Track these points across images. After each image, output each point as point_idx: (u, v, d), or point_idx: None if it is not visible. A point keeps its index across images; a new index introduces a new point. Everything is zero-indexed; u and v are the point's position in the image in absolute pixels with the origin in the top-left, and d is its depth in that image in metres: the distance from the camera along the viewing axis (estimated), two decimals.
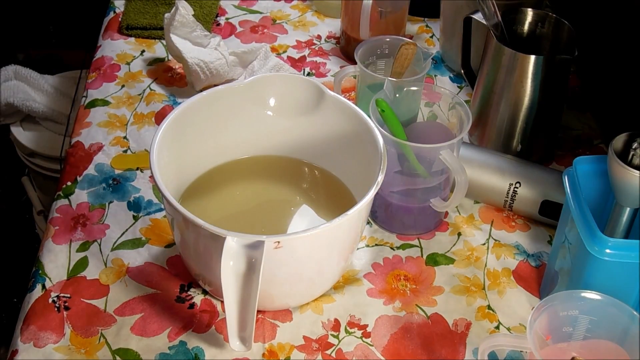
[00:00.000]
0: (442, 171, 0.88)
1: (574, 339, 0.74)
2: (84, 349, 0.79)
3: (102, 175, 0.98)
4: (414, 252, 0.91)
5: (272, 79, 0.91)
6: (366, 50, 1.03)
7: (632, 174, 0.72)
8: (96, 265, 0.87)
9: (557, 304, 0.72)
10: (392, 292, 0.86)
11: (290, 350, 0.79)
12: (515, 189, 0.93)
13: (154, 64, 1.17)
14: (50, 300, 0.83)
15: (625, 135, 0.74)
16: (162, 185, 0.76)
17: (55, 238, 0.89)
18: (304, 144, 0.92)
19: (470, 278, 0.88)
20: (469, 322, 0.83)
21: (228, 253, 0.70)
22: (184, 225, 0.77)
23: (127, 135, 1.04)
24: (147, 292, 0.84)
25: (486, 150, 0.98)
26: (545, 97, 0.97)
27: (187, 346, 0.79)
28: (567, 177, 0.79)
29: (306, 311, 0.83)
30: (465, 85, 1.15)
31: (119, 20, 1.25)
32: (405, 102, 0.94)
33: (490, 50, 0.99)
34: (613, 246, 0.73)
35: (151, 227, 0.92)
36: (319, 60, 1.20)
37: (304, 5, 1.32)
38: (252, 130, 0.91)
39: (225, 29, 1.26)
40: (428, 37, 1.26)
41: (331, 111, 0.89)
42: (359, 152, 0.86)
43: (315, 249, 0.77)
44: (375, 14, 1.12)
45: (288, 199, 0.90)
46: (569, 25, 0.98)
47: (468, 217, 0.95)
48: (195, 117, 0.87)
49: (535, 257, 0.91)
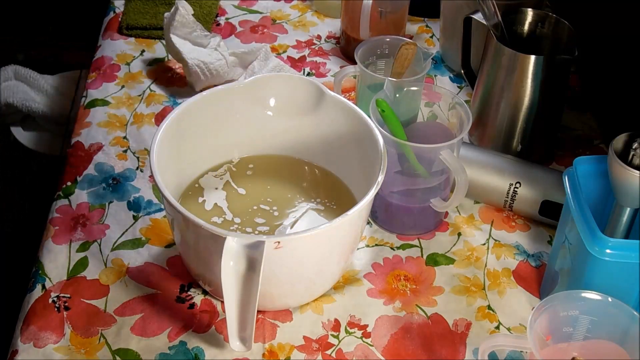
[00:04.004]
0: (442, 171, 0.88)
1: (574, 339, 0.74)
2: (84, 349, 0.79)
3: (102, 175, 0.98)
4: (414, 252, 0.90)
5: (272, 79, 0.91)
6: (366, 50, 1.03)
7: (632, 174, 0.72)
8: (96, 265, 0.87)
9: (557, 304, 0.72)
10: (392, 292, 0.86)
11: (290, 351, 0.79)
12: (515, 189, 0.93)
13: (154, 64, 1.17)
14: (50, 301, 0.83)
15: (626, 136, 0.74)
16: (162, 185, 0.76)
17: (55, 238, 0.89)
18: (304, 144, 0.92)
19: (471, 278, 0.88)
20: (469, 322, 0.83)
21: (228, 253, 0.70)
22: (184, 225, 0.77)
23: (127, 135, 1.04)
24: (147, 292, 0.84)
25: (486, 150, 0.98)
26: (545, 97, 0.97)
27: (187, 346, 0.79)
28: (567, 177, 0.79)
29: (306, 311, 0.83)
30: (465, 85, 1.15)
31: (119, 20, 1.25)
32: (406, 102, 0.94)
33: (490, 51, 0.99)
34: (613, 246, 0.73)
35: (151, 227, 0.92)
36: (319, 60, 1.20)
37: (304, 5, 1.32)
38: (252, 130, 0.91)
39: (225, 29, 1.25)
40: (428, 37, 1.26)
41: (331, 111, 0.89)
42: (359, 152, 0.86)
43: (316, 249, 0.77)
44: (375, 14, 1.12)
45: (288, 198, 0.90)
46: (569, 25, 0.98)
47: (468, 217, 0.95)
48: (195, 117, 0.86)
49: (535, 257, 0.91)
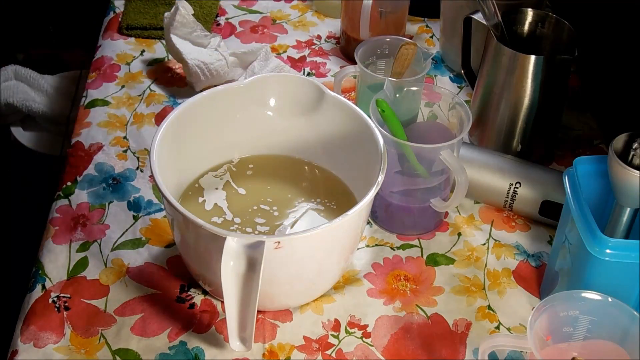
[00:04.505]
0: (442, 171, 0.88)
1: (574, 339, 0.74)
2: (84, 349, 0.79)
3: (102, 175, 0.98)
4: (414, 252, 0.90)
5: (272, 79, 0.91)
6: (366, 50, 1.03)
7: (632, 174, 0.72)
8: (96, 265, 0.87)
9: (557, 304, 0.72)
10: (392, 292, 0.86)
11: (290, 351, 0.79)
12: (515, 189, 0.93)
13: (154, 64, 1.17)
14: (50, 301, 0.83)
15: (626, 136, 0.74)
16: (162, 185, 0.76)
17: (55, 238, 0.89)
18: (304, 143, 0.92)
19: (471, 278, 0.88)
20: (469, 322, 0.83)
21: (228, 253, 0.70)
22: (184, 225, 0.77)
23: (127, 135, 1.04)
24: (147, 292, 0.84)
25: (486, 150, 0.97)
26: (545, 97, 0.97)
27: (187, 346, 0.79)
28: (567, 177, 0.79)
29: (306, 311, 0.83)
30: (465, 85, 1.15)
31: (119, 20, 1.25)
32: (406, 102, 0.94)
33: (490, 51, 0.99)
34: (613, 246, 0.73)
35: (151, 227, 0.92)
36: (319, 60, 1.20)
37: (304, 5, 1.32)
38: (252, 130, 0.91)
39: (225, 29, 1.25)
40: (428, 37, 1.26)
41: (331, 111, 0.89)
42: (359, 152, 0.86)
43: (316, 249, 0.77)
44: (375, 14, 1.12)
45: (288, 198, 0.89)
46: (569, 25, 0.98)
47: (468, 217, 0.95)
48: (195, 117, 0.86)
49: (535, 257, 0.91)
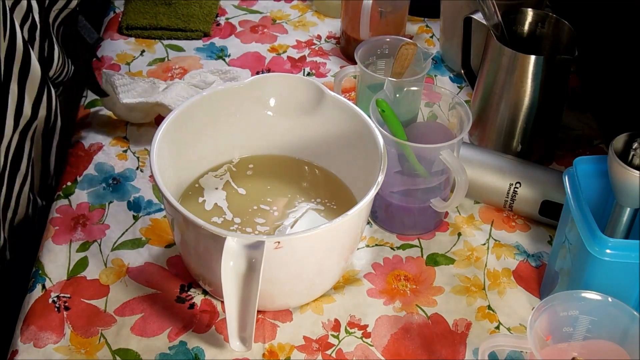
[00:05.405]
0: (442, 171, 0.88)
1: (574, 339, 0.74)
2: (84, 349, 0.79)
3: (102, 175, 0.98)
4: (414, 252, 0.90)
5: (272, 79, 0.91)
6: (366, 50, 1.03)
7: (632, 174, 0.72)
8: (96, 265, 0.87)
9: (557, 304, 0.72)
10: (392, 292, 0.86)
11: (290, 351, 0.79)
12: (515, 189, 0.93)
13: (154, 64, 1.17)
14: (50, 301, 0.83)
15: (626, 136, 0.74)
16: (162, 185, 0.76)
17: (55, 238, 0.89)
18: (304, 143, 0.92)
19: (471, 278, 0.88)
20: (469, 322, 0.83)
21: (228, 253, 0.70)
22: (184, 225, 0.77)
23: (127, 135, 1.04)
24: (147, 292, 0.84)
25: (486, 150, 0.97)
26: (545, 97, 0.97)
27: (187, 346, 0.79)
28: (567, 177, 0.79)
29: (306, 311, 0.83)
30: (465, 85, 1.15)
31: (119, 20, 1.25)
32: (406, 102, 0.94)
33: (490, 51, 0.99)
34: (613, 246, 0.73)
35: (151, 227, 0.91)
36: (319, 60, 1.20)
37: (304, 5, 1.32)
38: (252, 130, 0.91)
39: (225, 29, 1.26)
40: (428, 37, 1.26)
41: (331, 111, 0.89)
42: (359, 152, 0.86)
43: (316, 249, 0.77)
44: (375, 14, 1.12)
45: (288, 198, 0.89)
46: (569, 25, 0.98)
47: (468, 217, 0.95)
48: (195, 117, 0.86)
49: (535, 257, 0.91)
